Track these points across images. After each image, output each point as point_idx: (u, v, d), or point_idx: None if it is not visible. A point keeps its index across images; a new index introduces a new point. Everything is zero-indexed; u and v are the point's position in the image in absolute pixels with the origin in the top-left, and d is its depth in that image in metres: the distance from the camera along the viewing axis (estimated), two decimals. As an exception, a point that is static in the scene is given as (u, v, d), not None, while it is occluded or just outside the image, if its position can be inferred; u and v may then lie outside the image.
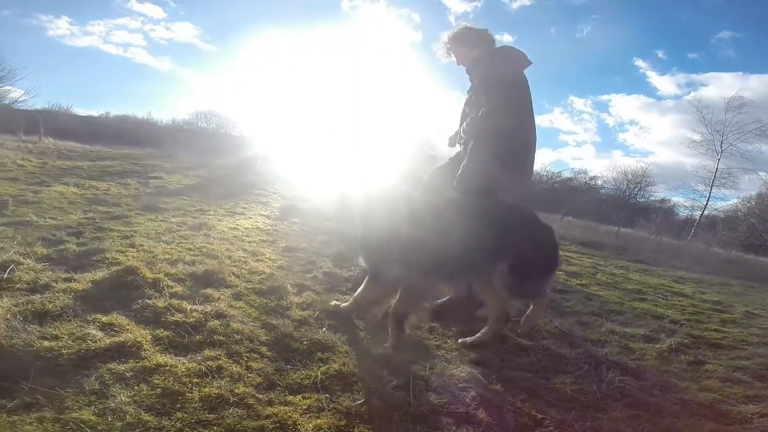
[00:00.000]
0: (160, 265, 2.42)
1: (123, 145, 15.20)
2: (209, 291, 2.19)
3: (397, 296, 2.03)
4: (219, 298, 2.15)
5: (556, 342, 2.51)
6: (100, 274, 2.15)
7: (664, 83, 41.75)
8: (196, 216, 4.17)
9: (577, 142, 43.24)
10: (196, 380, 1.50)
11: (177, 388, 1.44)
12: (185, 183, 7.02)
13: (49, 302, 1.78)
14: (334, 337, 1.98)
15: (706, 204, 21.83)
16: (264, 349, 1.80)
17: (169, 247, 2.89)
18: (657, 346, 2.70)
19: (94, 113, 32.69)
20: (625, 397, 1.95)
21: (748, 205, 23.76)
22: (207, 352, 1.67)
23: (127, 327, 1.72)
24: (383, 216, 2.08)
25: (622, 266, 6.92)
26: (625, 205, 22.46)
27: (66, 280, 2.06)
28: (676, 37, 43.85)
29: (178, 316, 1.87)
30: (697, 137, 21.57)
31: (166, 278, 2.22)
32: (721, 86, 36.03)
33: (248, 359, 1.70)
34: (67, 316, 1.73)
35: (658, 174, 29.72)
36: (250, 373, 1.61)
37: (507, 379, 1.93)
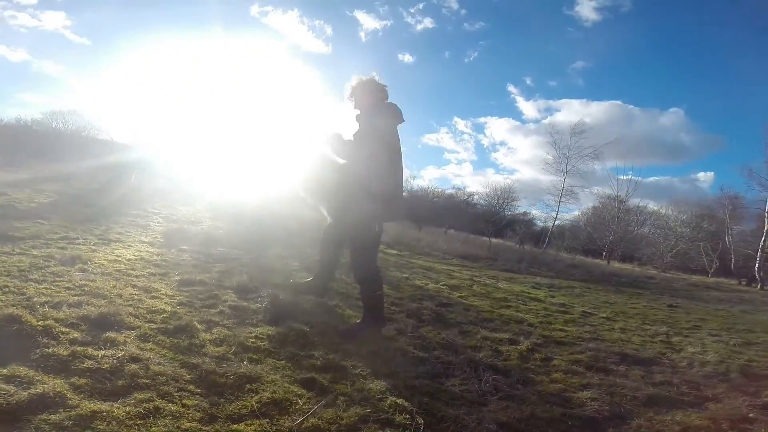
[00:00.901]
0: (42, 309, 2.17)
1: (-60, 150, 12.21)
2: (111, 335, 2.06)
3: None
4: (125, 341, 2.04)
5: (445, 351, 2.92)
6: (-29, 325, 1.86)
7: (529, 108, 48.65)
8: (63, 246, 3.68)
9: (458, 160, 47.79)
10: (140, 422, 1.50)
11: (125, 431, 1.43)
12: (38, 201, 6.00)
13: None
14: (258, 368, 2.05)
15: (556, 216, 26.44)
16: (192, 387, 1.81)
17: (42, 287, 2.55)
18: (518, 347, 3.29)
19: None
20: (498, 392, 2.38)
21: (586, 215, 29.17)
22: (137, 395, 1.64)
23: (37, 378, 1.59)
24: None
25: (492, 276, 7.99)
26: (495, 219, 25.55)
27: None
28: (542, 65, 51.68)
29: (89, 363, 1.77)
30: (549, 158, 26.01)
31: (57, 324, 2.03)
32: (570, 111, 43.43)
33: (181, 398, 1.70)
34: (-40, 373, 1.53)
35: (521, 190, 34.69)
36: (188, 410, 1.63)
37: (412, 387, 2.25)
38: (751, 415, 2.41)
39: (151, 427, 1.49)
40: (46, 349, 1.81)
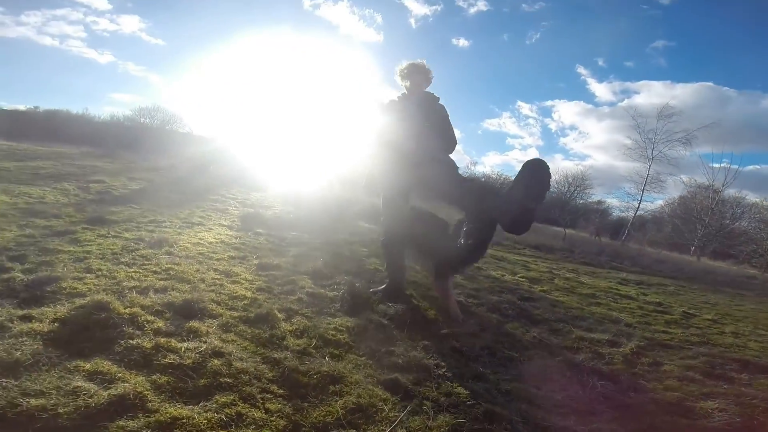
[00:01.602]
0: (129, 295, 2.19)
1: (54, 143, 13.86)
2: (194, 324, 2.01)
3: None
4: (207, 332, 1.98)
5: (538, 351, 2.64)
6: (62, 309, 1.89)
7: (602, 90, 45.09)
8: (152, 229, 3.87)
9: (523, 145, 45.59)
10: (221, 431, 1.39)
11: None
12: (131, 187, 6.50)
13: (15, 349, 1.55)
14: (340, 366, 1.91)
15: (638, 206, 23.81)
16: (275, 387, 1.70)
17: (131, 270, 2.63)
18: (620, 350, 2.90)
19: (21, 107, 29.40)
20: (607, 399, 2.11)
21: (671, 206, 26.17)
22: (219, 398, 1.54)
23: (119, 375, 1.53)
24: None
25: (572, 269, 7.36)
26: (567, 207, 23.84)
27: (23, 318, 1.80)
28: (615, 45, 47.28)
29: (172, 358, 1.70)
30: (629, 143, 23.50)
31: (142, 312, 2.01)
32: (651, 94, 39.41)
33: (264, 401, 1.59)
34: (43, 365, 1.52)
35: (594, 177, 32.09)
36: (271, 416, 1.52)
37: (506, 392, 2.02)
38: None
39: (233, 438, 1.38)
40: (131, 341, 1.76)
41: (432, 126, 2.98)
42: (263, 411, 1.53)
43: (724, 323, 4.56)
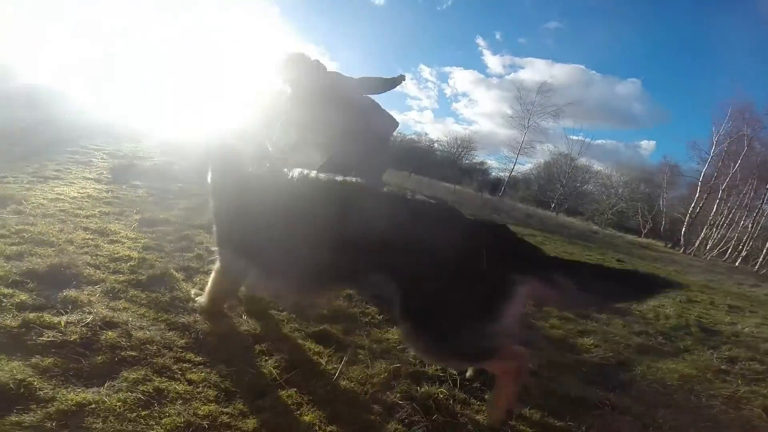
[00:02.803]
0: None
1: None
2: (70, 293, 1.62)
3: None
4: (90, 300, 1.62)
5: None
6: None
7: (494, 62, 48.47)
8: (-13, 185, 3.02)
9: (420, 107, 47.22)
10: (144, 412, 1.16)
11: (130, 428, 1.10)
12: None
13: None
14: (262, 324, 1.75)
15: (513, 168, 27.49)
16: (191, 355, 1.47)
17: None
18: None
19: None
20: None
21: (537, 169, 30.47)
22: (127, 375, 1.28)
23: None
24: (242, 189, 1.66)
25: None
26: (455, 166, 25.89)
27: None
28: (514, 21, 50.60)
29: (52, 335, 1.35)
30: (510, 112, 26.83)
31: None
32: (534, 70, 43.86)
33: (183, 371, 1.37)
34: None
35: (479, 141, 35.09)
36: (197, 387, 1.32)
37: None
38: (722, 366, 2.63)
39: (162, 418, 1.17)
40: None
41: None
42: (186, 383, 1.33)
43: (580, 268, 5.42)
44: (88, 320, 1.47)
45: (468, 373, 1.72)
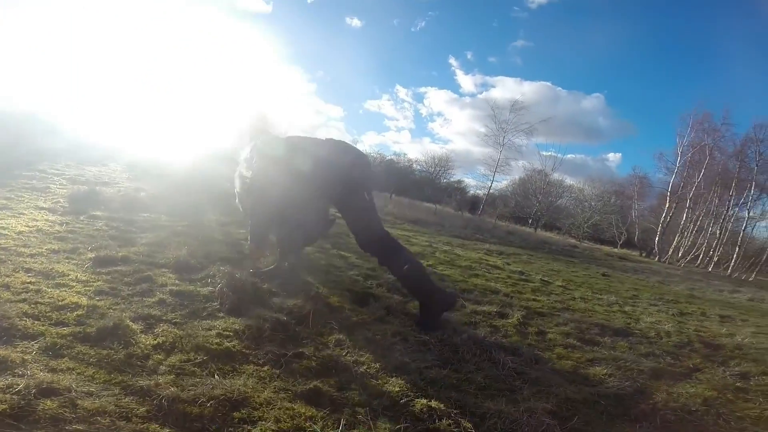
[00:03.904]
0: None
1: None
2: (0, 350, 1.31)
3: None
4: (24, 360, 1.30)
5: (443, 330, 2.53)
6: None
7: (467, 82, 49.62)
8: None
9: (398, 127, 47.80)
10: None
11: None
12: None
13: None
14: (239, 384, 1.44)
15: (491, 185, 27.97)
16: (155, 427, 1.17)
17: None
18: (510, 321, 3.03)
19: None
20: (519, 375, 2.11)
21: (513, 186, 31.10)
22: None
23: None
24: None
25: (447, 242, 7.82)
26: (434, 185, 26.03)
27: None
28: (483, 40, 52.41)
29: None
30: (485, 131, 27.31)
31: None
32: (504, 89, 45.01)
33: None
34: None
35: (455, 159, 35.65)
36: None
37: (432, 381, 1.85)
38: (738, 384, 2.54)
39: None
40: None
41: None
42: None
43: (571, 289, 5.27)
44: (20, 386, 1.16)
45: None
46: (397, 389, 1.67)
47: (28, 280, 1.96)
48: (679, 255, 21.49)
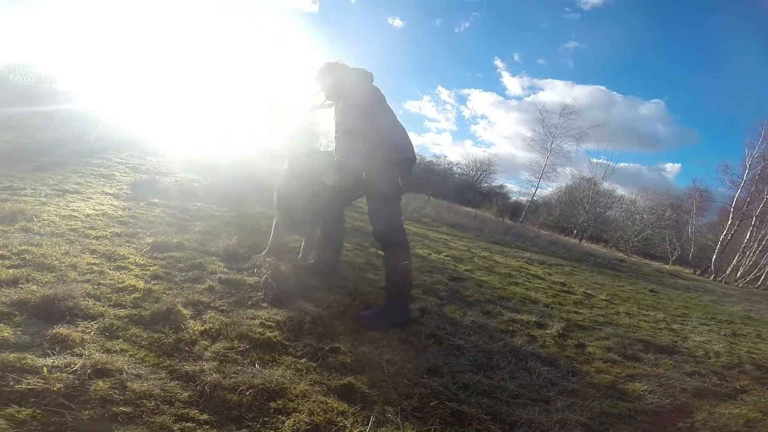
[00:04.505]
0: None
1: None
2: (61, 330, 1.42)
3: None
4: (83, 340, 1.41)
5: (479, 336, 2.53)
6: None
7: (513, 84, 48.50)
8: (4, 198, 2.93)
9: (438, 129, 47.36)
10: None
11: None
12: None
13: None
14: (277, 374, 1.50)
15: (535, 192, 26.91)
16: (195, 412, 1.23)
17: None
18: (548, 332, 2.96)
19: None
20: (554, 386, 2.08)
21: (558, 194, 29.78)
22: None
23: None
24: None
25: (485, 248, 7.68)
26: (475, 189, 25.57)
27: None
28: (532, 42, 50.90)
29: (32, 381, 1.15)
30: (532, 135, 26.53)
31: None
32: (553, 92, 43.55)
33: None
34: None
35: (498, 163, 34.83)
36: None
37: (464, 386, 1.85)
38: None
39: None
40: None
41: None
42: (187, 447, 1.09)
43: (616, 303, 5.05)
44: (77, 366, 1.25)
45: None
46: (428, 391, 1.68)
47: (93, 261, 2.14)
48: (737, 275, 19.79)
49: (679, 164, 44.35)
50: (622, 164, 43.97)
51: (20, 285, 1.68)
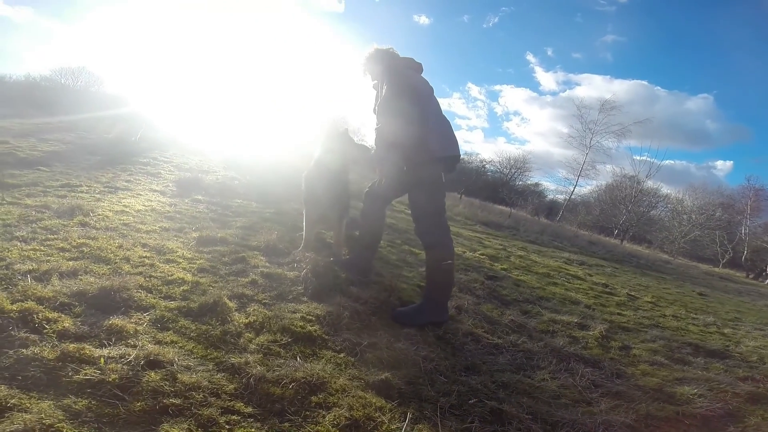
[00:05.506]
0: (21, 283, 1.60)
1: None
2: (116, 321, 1.50)
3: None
4: (136, 331, 1.48)
5: (518, 336, 2.49)
6: None
7: (547, 79, 47.05)
8: (63, 194, 3.14)
9: (470, 126, 46.58)
10: None
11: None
12: (43, 149, 5.38)
13: None
14: (318, 368, 1.53)
15: (573, 190, 25.89)
16: (240, 405, 1.28)
17: (29, 248, 1.99)
18: (591, 333, 2.87)
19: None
20: (597, 387, 2.03)
21: (598, 192, 28.45)
22: (169, 428, 1.11)
23: (13, 401, 1.05)
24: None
25: (521, 247, 7.49)
26: (508, 187, 24.93)
27: None
28: (567, 36, 49.02)
29: (89, 372, 1.22)
30: (570, 131, 25.53)
31: (40, 307, 1.46)
32: (591, 87, 41.76)
33: (231, 426, 1.18)
34: None
35: (533, 161, 33.80)
36: None
37: (504, 385, 1.83)
38: None
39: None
40: (24, 350, 1.24)
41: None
42: (234, 439, 1.12)
43: (662, 306, 4.81)
44: (131, 357, 1.32)
45: None
46: (466, 389, 1.67)
47: (145, 254, 2.26)
48: (796, 279, 18.34)
49: (731, 162, 41.48)
50: (667, 161, 41.47)
51: (79, 276, 1.79)
